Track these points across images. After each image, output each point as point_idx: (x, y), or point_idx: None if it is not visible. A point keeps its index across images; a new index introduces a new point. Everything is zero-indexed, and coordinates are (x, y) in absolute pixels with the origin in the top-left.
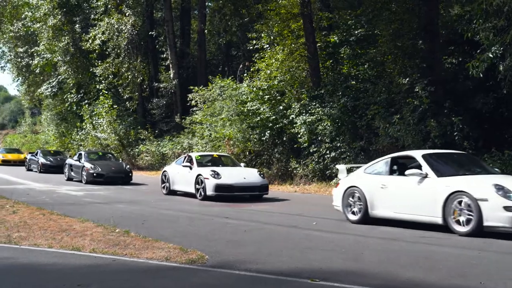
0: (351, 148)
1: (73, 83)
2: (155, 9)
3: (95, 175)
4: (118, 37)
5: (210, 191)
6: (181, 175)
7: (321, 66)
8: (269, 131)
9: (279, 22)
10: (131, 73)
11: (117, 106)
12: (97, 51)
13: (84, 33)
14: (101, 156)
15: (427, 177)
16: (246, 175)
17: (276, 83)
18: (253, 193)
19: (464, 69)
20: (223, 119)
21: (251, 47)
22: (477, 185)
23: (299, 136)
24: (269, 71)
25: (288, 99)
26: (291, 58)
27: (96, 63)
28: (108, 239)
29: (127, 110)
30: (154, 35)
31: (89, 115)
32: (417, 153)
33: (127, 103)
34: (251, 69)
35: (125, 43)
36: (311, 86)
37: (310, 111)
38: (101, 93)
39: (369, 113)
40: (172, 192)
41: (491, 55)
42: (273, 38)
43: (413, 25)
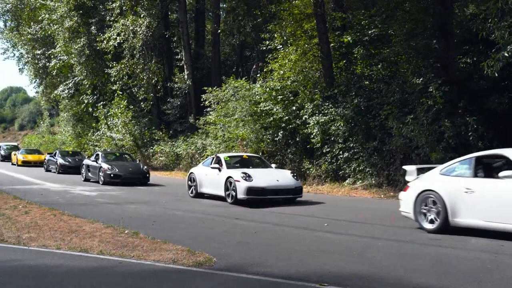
0: (364, 148)
1: (89, 84)
2: (170, 11)
3: (112, 176)
4: (133, 39)
5: (241, 195)
6: (209, 177)
7: (334, 66)
8: (282, 132)
9: (292, 22)
10: (145, 74)
11: (132, 106)
12: (112, 52)
13: (100, 34)
14: (118, 156)
15: None
16: (279, 177)
17: (289, 83)
18: (287, 196)
19: (478, 69)
20: (236, 120)
21: (265, 48)
22: None
23: (312, 136)
24: (282, 72)
25: (301, 99)
26: (304, 58)
27: (111, 64)
28: (116, 241)
29: (142, 110)
30: (168, 36)
31: (104, 115)
32: (509, 152)
33: (142, 103)
34: (265, 70)
35: (140, 44)
36: (324, 86)
37: (323, 112)
38: (116, 94)
39: (383, 113)
40: (199, 194)
41: (506, 54)
42: (286, 38)
43: (427, 25)
